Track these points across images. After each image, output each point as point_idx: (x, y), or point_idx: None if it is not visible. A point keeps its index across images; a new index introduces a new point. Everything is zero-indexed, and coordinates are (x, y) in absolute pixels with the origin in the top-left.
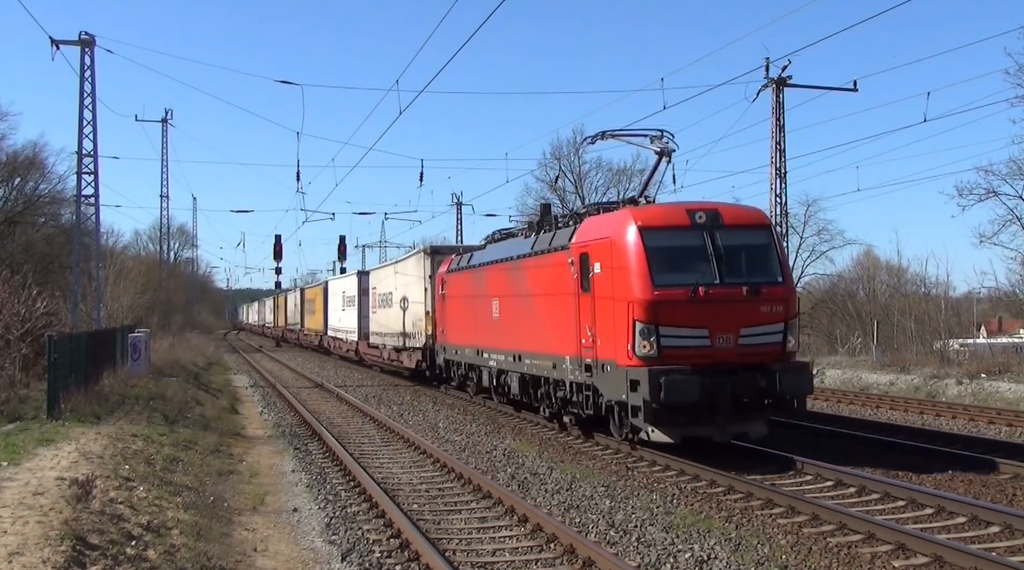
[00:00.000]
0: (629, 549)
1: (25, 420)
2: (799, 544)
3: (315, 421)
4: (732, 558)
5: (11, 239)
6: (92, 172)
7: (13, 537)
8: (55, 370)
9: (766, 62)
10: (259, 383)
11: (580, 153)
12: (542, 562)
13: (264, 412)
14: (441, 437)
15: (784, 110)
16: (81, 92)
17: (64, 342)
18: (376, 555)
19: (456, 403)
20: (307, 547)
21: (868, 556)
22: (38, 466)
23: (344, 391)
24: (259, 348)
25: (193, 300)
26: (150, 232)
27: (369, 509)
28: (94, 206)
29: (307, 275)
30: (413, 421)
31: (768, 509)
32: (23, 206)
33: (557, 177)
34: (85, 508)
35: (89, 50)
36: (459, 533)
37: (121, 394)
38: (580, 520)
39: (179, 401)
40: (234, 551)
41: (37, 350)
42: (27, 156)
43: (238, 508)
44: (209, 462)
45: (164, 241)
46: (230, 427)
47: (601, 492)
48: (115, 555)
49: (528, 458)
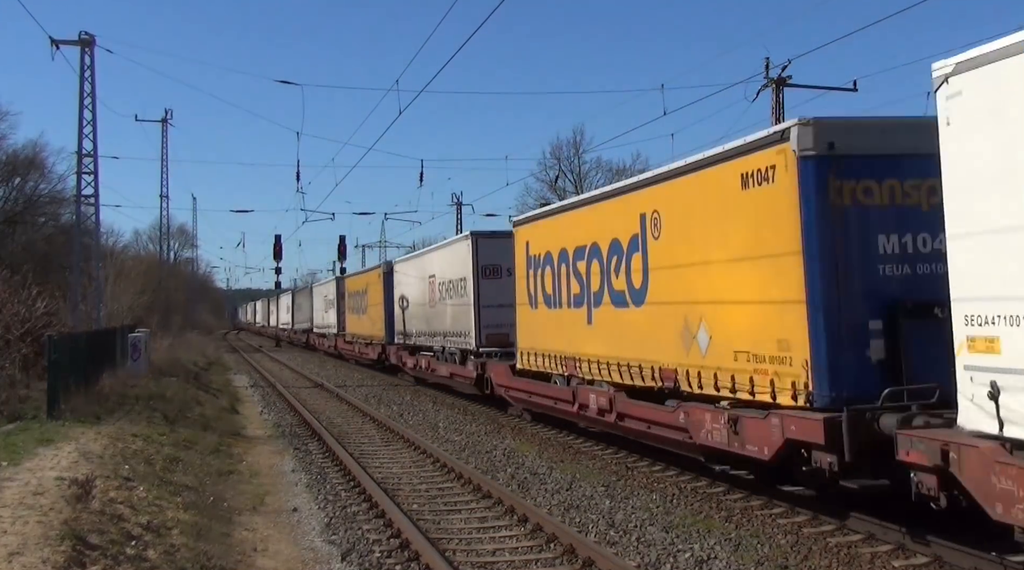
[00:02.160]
0: (629, 549)
1: (25, 420)
2: (799, 544)
3: (315, 421)
4: (732, 558)
5: (11, 239)
6: (92, 172)
7: (13, 537)
8: (55, 370)
9: (766, 62)
10: (259, 383)
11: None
12: (542, 562)
13: (264, 412)
14: (441, 437)
15: (784, 110)
16: (81, 92)
17: (64, 342)
18: (376, 555)
19: (456, 403)
20: (307, 547)
21: (868, 556)
22: (38, 466)
23: (344, 391)
24: (259, 348)
25: (193, 300)
26: (150, 232)
27: (369, 509)
28: (94, 206)
29: (307, 275)
30: (413, 421)
31: (768, 509)
32: (23, 206)
33: (557, 177)
34: (85, 508)
35: (89, 50)
36: (459, 533)
37: (121, 394)
38: (580, 520)
39: (179, 401)
40: (234, 551)
41: (37, 350)
42: (27, 156)
43: (238, 508)
44: (209, 462)
45: (164, 241)
46: (230, 427)
47: (601, 492)
48: (115, 555)
49: (528, 458)
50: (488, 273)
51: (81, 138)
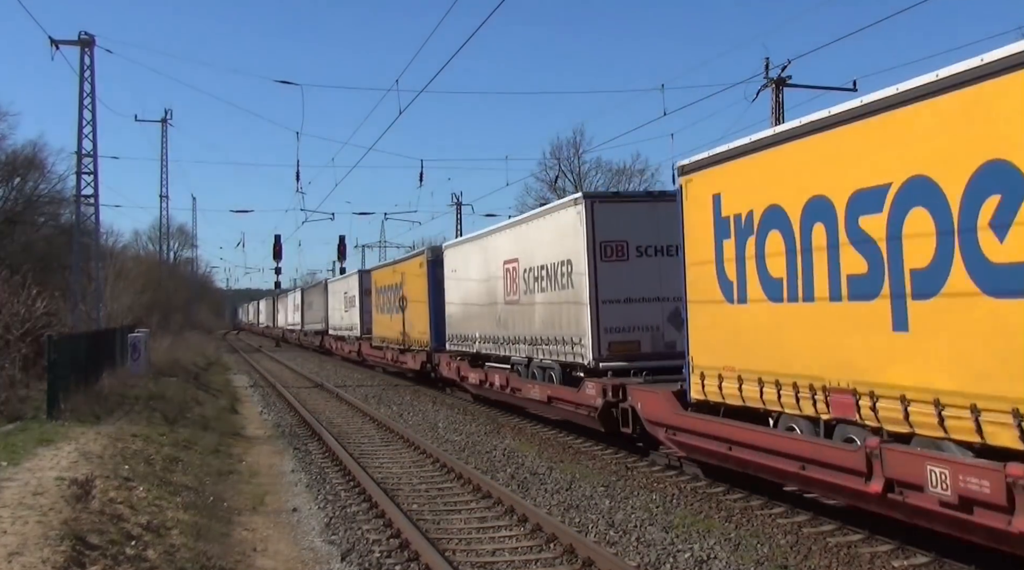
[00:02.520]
0: (629, 549)
1: (25, 420)
2: (799, 544)
3: (315, 421)
4: (732, 558)
5: (11, 239)
6: (92, 172)
7: (13, 537)
8: (55, 370)
9: (766, 62)
10: (259, 383)
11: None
12: (541, 562)
13: (264, 412)
14: (441, 437)
15: (784, 110)
16: (81, 92)
17: (64, 342)
18: (376, 555)
19: (456, 403)
20: (307, 547)
21: (868, 556)
22: (38, 466)
23: (344, 391)
24: (259, 348)
25: (193, 300)
26: (150, 232)
27: (369, 509)
28: (94, 206)
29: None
30: (413, 421)
31: (768, 509)
32: (23, 206)
33: (557, 177)
34: (85, 508)
35: (89, 50)
36: (459, 533)
37: (121, 394)
38: (580, 520)
39: (179, 401)
40: (234, 551)
41: (37, 350)
42: (27, 156)
43: (238, 508)
44: (209, 462)
45: (164, 241)
46: (230, 427)
47: (601, 492)
48: (115, 555)
49: (528, 458)
50: (609, 253)
51: (81, 138)
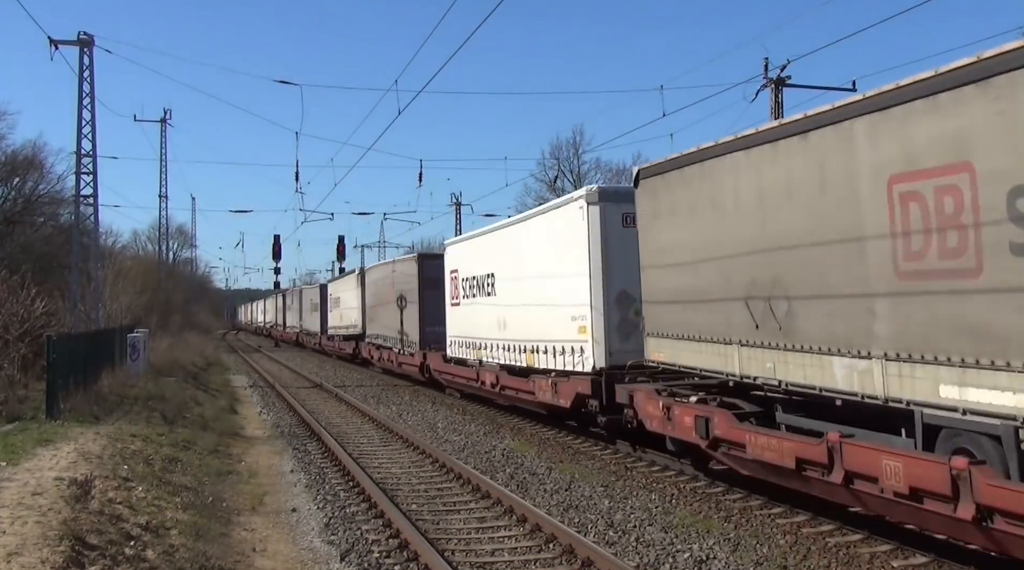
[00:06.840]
0: (628, 549)
1: (24, 420)
2: (798, 544)
3: (314, 421)
4: (731, 558)
5: (10, 239)
6: (91, 172)
7: (12, 537)
8: (54, 370)
9: (765, 63)
10: (258, 383)
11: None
12: (541, 562)
13: (263, 412)
14: (440, 437)
15: (783, 110)
16: (80, 92)
17: (63, 342)
18: (375, 555)
19: (455, 403)
20: (306, 547)
21: (867, 556)
22: (37, 466)
23: (343, 391)
24: (258, 348)
25: (192, 300)
26: (149, 232)
27: (368, 509)
28: (93, 206)
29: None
30: (412, 421)
31: (767, 509)
32: (22, 206)
33: (556, 177)
34: (84, 508)
35: (88, 50)
36: (458, 533)
37: (120, 394)
38: (579, 520)
39: (178, 401)
40: (233, 551)
41: (36, 350)
42: (26, 156)
43: (237, 508)
44: (208, 462)
45: (163, 241)
46: (229, 427)
47: (600, 492)
48: (114, 555)
49: (527, 458)
50: None
51: (80, 138)
